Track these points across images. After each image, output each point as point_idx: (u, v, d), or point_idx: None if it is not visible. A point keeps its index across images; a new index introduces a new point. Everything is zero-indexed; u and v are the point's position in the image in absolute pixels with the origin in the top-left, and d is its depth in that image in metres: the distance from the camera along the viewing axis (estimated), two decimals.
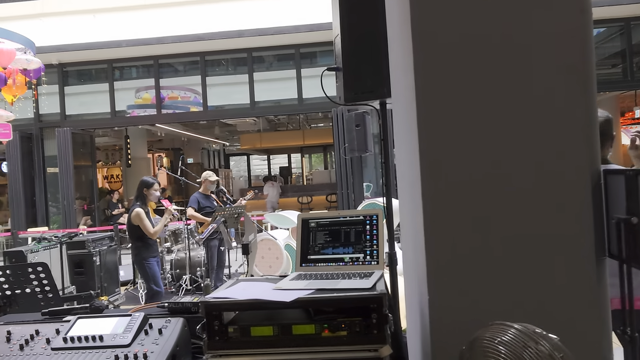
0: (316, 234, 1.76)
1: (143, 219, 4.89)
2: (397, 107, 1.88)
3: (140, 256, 5.00)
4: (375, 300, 1.39)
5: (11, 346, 1.68)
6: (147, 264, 4.98)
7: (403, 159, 1.81)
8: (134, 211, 4.94)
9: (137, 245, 5.01)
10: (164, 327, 1.69)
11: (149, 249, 5.04)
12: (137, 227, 4.93)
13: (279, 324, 1.44)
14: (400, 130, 1.84)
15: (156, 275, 5.01)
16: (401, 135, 1.81)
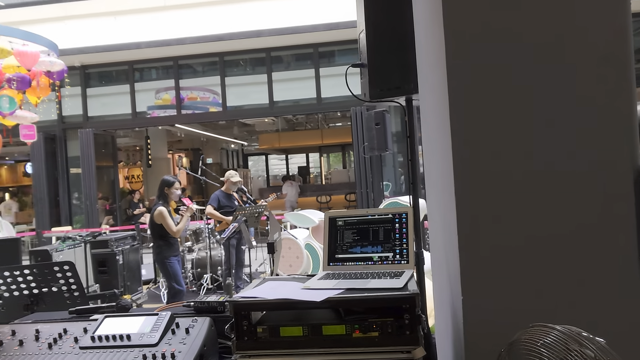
0: (344, 233, 1.73)
1: (166, 218, 4.91)
2: (426, 103, 1.84)
3: (162, 255, 5.02)
4: (407, 301, 1.35)
5: (40, 345, 1.69)
6: (169, 262, 5.00)
7: (432, 156, 1.76)
8: (156, 210, 4.96)
9: (159, 244, 5.03)
10: (191, 327, 1.67)
11: (170, 247, 5.06)
12: (159, 226, 4.95)
13: (308, 324, 1.41)
14: (429, 126, 1.80)
15: (177, 274, 5.03)
16: (430, 132, 1.77)
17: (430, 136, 1.80)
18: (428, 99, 1.78)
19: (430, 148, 1.83)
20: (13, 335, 1.77)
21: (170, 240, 5.03)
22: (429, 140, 1.82)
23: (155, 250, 5.10)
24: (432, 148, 1.78)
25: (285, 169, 23.38)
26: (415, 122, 10.17)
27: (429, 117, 1.79)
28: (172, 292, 5.03)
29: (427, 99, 1.81)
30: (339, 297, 1.39)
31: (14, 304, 2.37)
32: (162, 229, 4.96)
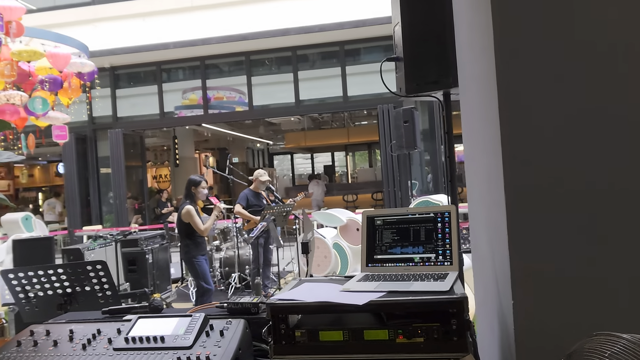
0: (382, 233, 1.66)
1: (193, 216, 4.90)
2: (468, 97, 1.75)
3: (189, 254, 5.01)
4: (455, 305, 1.28)
5: (74, 345, 1.66)
6: (197, 261, 4.99)
7: (475, 151, 1.67)
8: (184, 209, 4.95)
9: (186, 243, 5.02)
10: (225, 329, 1.63)
11: (198, 247, 5.05)
12: (187, 225, 4.94)
13: (349, 328, 1.35)
14: (471, 121, 1.71)
15: (206, 273, 5.01)
16: (473, 127, 1.68)
17: (473, 131, 1.71)
18: (471, 92, 1.69)
19: (472, 143, 1.74)
20: (47, 336, 1.75)
21: (198, 239, 5.02)
22: (472, 135, 1.73)
23: (183, 250, 5.10)
24: (475, 143, 1.69)
25: (311, 168, 23.36)
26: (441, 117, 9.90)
27: (471, 111, 1.71)
28: (200, 291, 5.03)
29: (469, 92, 1.73)
30: (381, 300, 1.32)
31: (48, 303, 2.38)
32: (189, 228, 4.95)
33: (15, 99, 7.18)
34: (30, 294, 2.37)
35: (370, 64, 11.72)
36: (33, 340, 1.71)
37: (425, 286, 1.39)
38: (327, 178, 18.06)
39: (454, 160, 2.21)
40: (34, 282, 2.34)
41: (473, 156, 1.74)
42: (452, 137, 2.20)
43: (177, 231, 5.20)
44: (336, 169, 22.58)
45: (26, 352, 1.66)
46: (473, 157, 1.74)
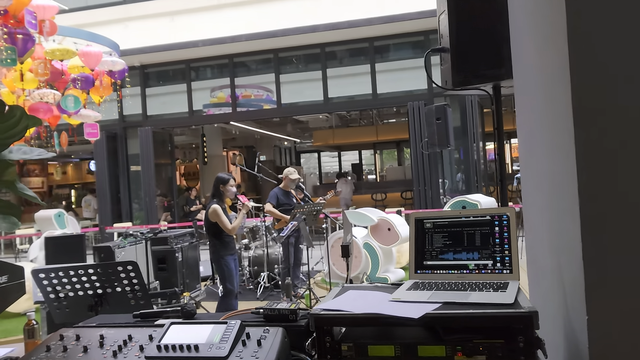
0: (433, 236, 1.53)
1: (221, 216, 4.79)
2: (527, 91, 1.60)
3: (217, 254, 4.90)
4: (523, 320, 1.14)
5: (104, 352, 1.58)
6: (224, 261, 4.86)
7: (537, 151, 1.52)
8: (211, 208, 4.85)
9: (214, 243, 4.91)
10: (263, 338, 1.52)
11: (226, 246, 4.93)
12: (214, 224, 4.84)
13: (401, 343, 1.22)
14: (531, 117, 1.55)
15: (232, 274, 4.87)
16: (534, 123, 1.53)
17: (533, 128, 1.56)
18: (531, 85, 1.54)
19: (532, 141, 1.58)
20: (77, 341, 1.68)
21: (226, 238, 4.90)
22: (531, 132, 1.58)
23: (211, 249, 4.98)
24: (536, 141, 1.54)
25: (338, 166, 23.22)
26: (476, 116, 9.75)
27: (532, 106, 1.55)
28: (224, 292, 4.91)
29: (529, 84, 1.57)
30: (438, 313, 1.19)
31: (79, 304, 2.32)
32: (217, 227, 4.84)
33: (48, 97, 7.26)
34: (60, 294, 2.31)
35: (400, 61, 11.53)
36: (63, 345, 1.64)
37: (485, 297, 1.25)
38: (355, 176, 17.88)
39: (504, 159, 2.05)
40: (64, 282, 2.29)
41: (532, 155, 1.58)
42: (503, 133, 2.05)
43: (205, 230, 5.10)
44: (363, 167, 22.39)
45: (55, 358, 1.59)
46: (532, 157, 1.59)
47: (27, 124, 1.92)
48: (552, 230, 1.40)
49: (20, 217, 2.00)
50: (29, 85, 6.99)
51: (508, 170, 18.35)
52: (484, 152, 11.61)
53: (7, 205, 2.00)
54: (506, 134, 17.72)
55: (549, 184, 1.39)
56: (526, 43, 1.58)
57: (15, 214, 2.01)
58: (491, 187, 12.33)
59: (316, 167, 24.22)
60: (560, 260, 1.36)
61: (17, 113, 1.87)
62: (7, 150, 2.00)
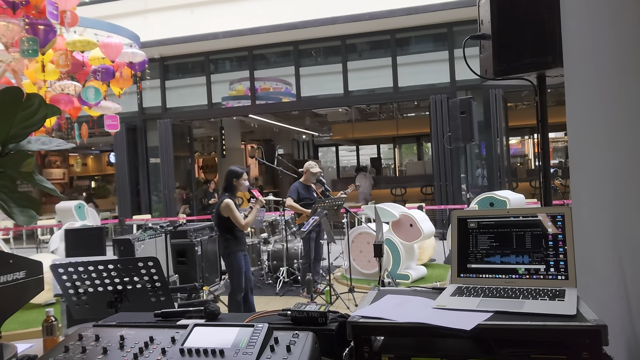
0: (477, 237, 1.41)
1: (233, 210, 4.65)
2: (581, 78, 1.46)
3: (229, 249, 4.75)
4: (589, 334, 1.01)
5: (124, 354, 1.50)
6: (236, 257, 4.72)
7: (594, 144, 1.38)
8: (223, 202, 4.69)
9: (226, 238, 4.77)
10: (292, 343, 1.41)
11: (238, 241, 4.77)
12: (226, 219, 4.70)
13: (448, 355, 1.11)
14: (587, 108, 1.42)
15: (241, 270, 4.71)
16: (591, 114, 1.39)
17: (589, 118, 1.42)
18: (587, 72, 1.40)
19: (587, 133, 1.45)
20: (97, 341, 1.60)
21: (238, 233, 4.75)
22: (587, 124, 1.44)
23: (222, 244, 4.83)
24: (592, 133, 1.40)
25: (356, 160, 23.06)
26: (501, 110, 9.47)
27: (588, 96, 1.41)
28: (232, 289, 4.77)
29: (584, 72, 1.43)
30: (492, 324, 1.07)
31: (98, 299, 2.25)
32: (228, 222, 4.70)
33: (69, 88, 7.26)
34: (80, 290, 2.25)
35: (423, 54, 11.32)
36: (81, 346, 1.56)
37: (542, 307, 1.13)
38: (375, 171, 17.71)
39: (547, 154, 1.91)
40: (83, 278, 2.22)
41: (587, 148, 1.45)
42: (547, 125, 1.90)
43: (215, 225, 4.90)
44: (382, 161, 22.18)
45: (74, 359, 1.51)
46: (587, 150, 1.45)
47: (46, 113, 1.83)
48: (616, 232, 1.26)
49: (39, 210, 1.92)
50: (50, 76, 6.99)
51: (530, 166, 17.99)
52: (507, 148, 11.36)
53: (25, 197, 1.93)
54: (528, 128, 17.38)
55: (614, 180, 1.25)
56: (583, 27, 1.44)
57: (34, 207, 1.93)
58: (514, 183, 12.06)
59: (334, 161, 24.08)
60: (622, 265, 1.23)
61: (35, 102, 1.79)
62: (25, 141, 1.93)
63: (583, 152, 1.50)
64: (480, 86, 10.48)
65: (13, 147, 1.89)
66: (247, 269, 4.83)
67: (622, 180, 1.19)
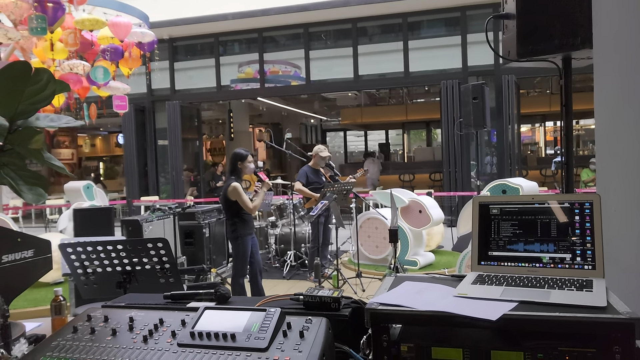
0: (500, 224, 1.35)
1: (241, 194, 4.59)
2: (613, 61, 1.39)
3: (237, 233, 4.68)
4: (622, 327, 0.96)
5: (134, 336, 1.47)
6: (243, 241, 4.66)
7: (626, 127, 1.32)
8: (230, 186, 4.62)
9: (234, 221, 4.70)
10: (306, 329, 1.38)
11: (246, 225, 4.72)
12: (234, 203, 4.63)
13: (471, 347, 1.06)
14: (620, 89, 1.35)
15: (246, 255, 4.67)
16: (623, 96, 1.32)
17: (620, 102, 1.35)
18: (619, 55, 1.33)
19: (617, 118, 1.38)
20: (106, 322, 1.57)
21: (245, 216, 4.70)
22: (617, 107, 1.38)
23: (230, 228, 4.76)
24: (623, 118, 1.34)
25: (364, 146, 22.95)
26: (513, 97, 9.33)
27: (620, 79, 1.34)
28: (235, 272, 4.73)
29: (616, 54, 1.36)
30: (519, 315, 1.03)
31: (107, 280, 2.22)
32: (236, 206, 4.64)
33: (78, 68, 7.21)
34: (88, 270, 2.22)
35: (434, 39, 11.15)
36: (90, 327, 1.53)
37: (570, 297, 1.08)
38: (383, 156, 17.61)
39: (571, 140, 1.84)
40: (92, 258, 2.19)
41: (617, 134, 1.38)
42: (571, 110, 1.83)
43: (223, 209, 4.84)
44: (390, 147, 22.05)
45: (82, 341, 1.48)
46: (617, 136, 1.38)
47: (54, 89, 1.78)
48: None
49: (48, 188, 1.89)
50: (59, 55, 6.94)
51: (541, 154, 17.82)
52: (519, 135, 11.22)
53: (33, 176, 1.89)
54: (539, 116, 17.18)
55: None
56: (617, 5, 1.37)
57: (43, 185, 1.90)
58: (524, 171, 11.95)
59: (342, 146, 23.98)
60: None
61: (43, 77, 1.74)
62: (34, 117, 1.88)
63: (612, 139, 1.43)
64: (492, 72, 10.32)
65: (21, 124, 1.85)
66: (255, 252, 4.78)
67: None
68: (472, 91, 7.03)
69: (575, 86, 12.68)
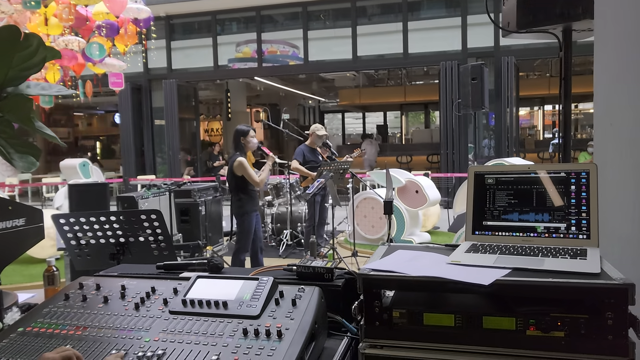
0: (495, 194, 1.34)
1: (247, 168, 4.56)
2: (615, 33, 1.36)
3: (243, 209, 4.67)
4: (615, 293, 0.96)
5: (126, 304, 1.46)
6: (249, 217, 4.68)
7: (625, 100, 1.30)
8: (236, 161, 4.58)
9: (240, 197, 4.68)
10: (298, 298, 1.37)
11: (252, 201, 4.71)
12: (240, 178, 4.62)
13: (463, 312, 1.05)
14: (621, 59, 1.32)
15: (251, 232, 4.67)
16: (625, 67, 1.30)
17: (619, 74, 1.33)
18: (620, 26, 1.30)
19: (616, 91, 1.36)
20: (98, 290, 1.56)
21: (252, 193, 4.69)
22: (617, 78, 1.36)
23: (235, 204, 4.71)
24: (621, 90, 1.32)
25: (362, 128, 22.87)
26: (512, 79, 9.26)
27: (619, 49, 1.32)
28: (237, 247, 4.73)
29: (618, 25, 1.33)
30: (512, 280, 1.02)
31: (100, 252, 2.22)
32: (243, 181, 4.62)
33: (73, 44, 7.13)
34: (82, 241, 2.21)
35: (434, 20, 11.02)
36: (82, 294, 1.53)
37: (564, 264, 1.07)
38: (381, 138, 17.56)
39: (568, 114, 1.82)
40: (85, 229, 2.18)
41: (618, 104, 1.36)
42: (570, 83, 1.81)
43: (228, 185, 4.83)
44: (388, 130, 21.98)
45: (74, 308, 1.48)
46: (618, 105, 1.36)
47: (45, 56, 1.75)
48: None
49: (39, 157, 1.87)
50: (53, 30, 6.84)
51: (539, 138, 17.80)
52: (517, 118, 11.18)
53: (25, 144, 1.87)
54: (538, 99, 17.11)
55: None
56: None
57: (34, 153, 1.87)
58: (521, 154, 11.93)
59: (339, 128, 23.91)
60: None
61: (33, 42, 1.70)
62: (24, 85, 1.85)
63: (609, 108, 1.42)
64: (492, 54, 10.23)
65: (12, 91, 1.82)
66: (257, 229, 4.79)
67: None
68: (471, 72, 6.98)
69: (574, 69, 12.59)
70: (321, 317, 1.38)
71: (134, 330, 1.33)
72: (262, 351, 1.17)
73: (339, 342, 1.42)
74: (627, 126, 1.30)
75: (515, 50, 9.98)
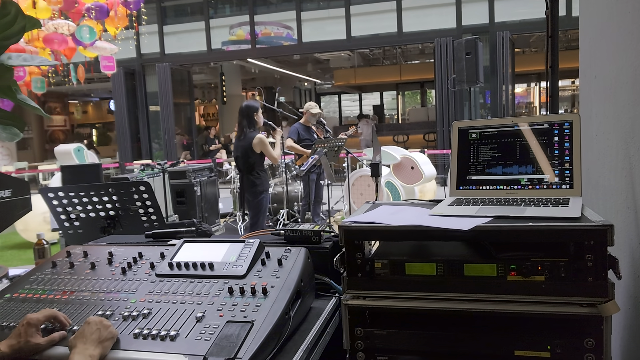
0: (479, 148, 1.33)
1: (267, 144, 4.43)
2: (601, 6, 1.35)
3: (261, 187, 4.56)
4: (595, 235, 0.96)
5: (113, 269, 1.46)
6: (265, 197, 4.63)
7: (610, 44, 1.29)
8: (256, 137, 4.44)
9: (259, 176, 4.57)
10: (284, 258, 1.38)
11: (267, 180, 4.68)
12: (259, 155, 4.50)
13: (445, 260, 1.05)
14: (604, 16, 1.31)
15: (267, 209, 4.62)
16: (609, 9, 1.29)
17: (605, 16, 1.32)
18: None
19: (602, 36, 1.35)
20: (85, 257, 1.56)
21: (266, 171, 4.64)
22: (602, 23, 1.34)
23: (253, 182, 4.58)
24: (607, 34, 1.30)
25: (358, 110, 22.78)
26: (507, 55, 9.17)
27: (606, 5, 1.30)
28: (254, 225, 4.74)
29: None
30: (492, 226, 1.02)
31: (91, 226, 2.21)
32: (260, 159, 4.52)
33: (63, 28, 7.04)
34: (72, 215, 2.20)
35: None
36: (69, 261, 1.53)
37: (545, 211, 1.07)
38: (377, 118, 17.50)
39: (556, 75, 1.79)
40: (74, 203, 2.17)
41: (601, 52, 1.35)
42: (557, 43, 1.78)
43: (241, 164, 4.65)
44: (385, 110, 21.89)
45: (61, 274, 1.48)
46: (600, 54, 1.35)
47: (24, 24, 1.73)
48: (630, 138, 1.19)
49: (23, 128, 1.86)
50: (42, 14, 6.75)
51: (536, 115, 17.72)
52: (513, 95, 11.13)
53: (8, 116, 1.86)
54: (535, 74, 17.00)
55: (629, 82, 1.16)
56: None
57: (18, 125, 1.86)
58: None
59: (336, 110, 23.81)
60: (634, 176, 1.16)
61: (11, 10, 1.68)
62: (5, 56, 1.83)
63: (595, 61, 1.40)
64: (487, 30, 10.14)
65: None
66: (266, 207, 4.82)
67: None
68: (465, 46, 6.92)
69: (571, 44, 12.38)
70: (307, 276, 1.38)
71: (121, 292, 1.34)
72: (247, 307, 1.18)
73: (327, 302, 1.42)
74: (610, 78, 1.29)
75: (511, 25, 9.89)
